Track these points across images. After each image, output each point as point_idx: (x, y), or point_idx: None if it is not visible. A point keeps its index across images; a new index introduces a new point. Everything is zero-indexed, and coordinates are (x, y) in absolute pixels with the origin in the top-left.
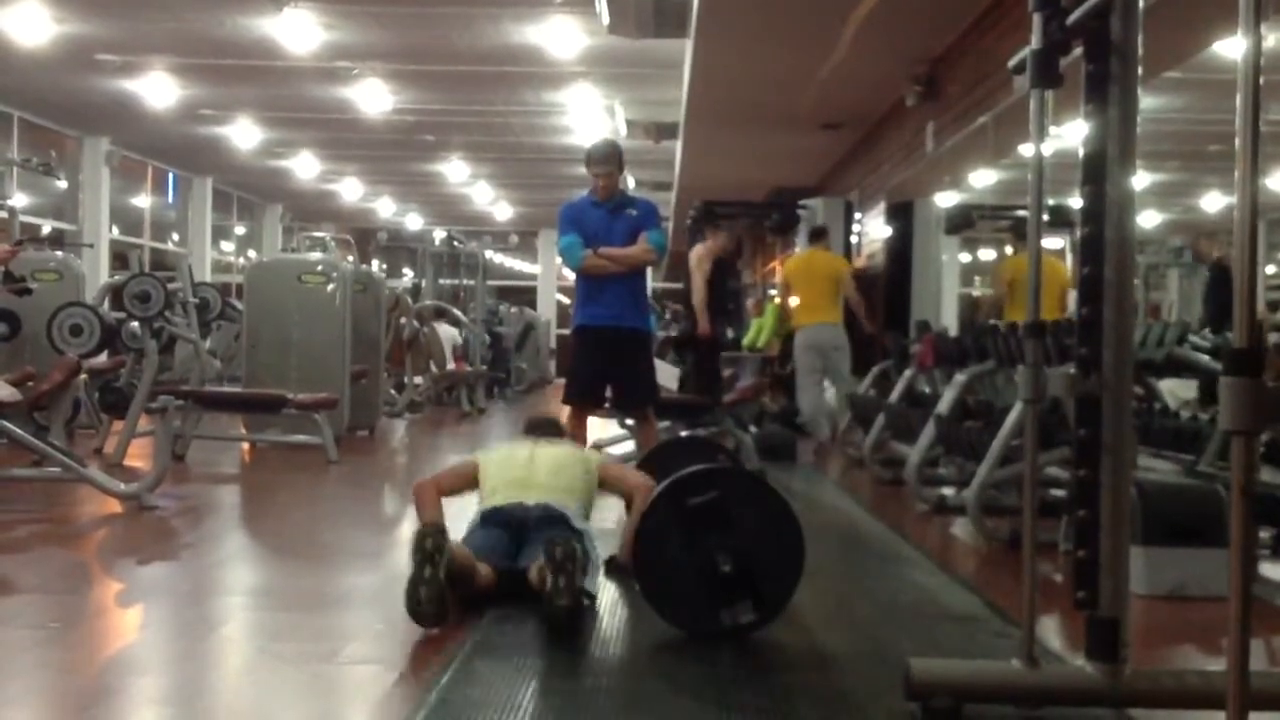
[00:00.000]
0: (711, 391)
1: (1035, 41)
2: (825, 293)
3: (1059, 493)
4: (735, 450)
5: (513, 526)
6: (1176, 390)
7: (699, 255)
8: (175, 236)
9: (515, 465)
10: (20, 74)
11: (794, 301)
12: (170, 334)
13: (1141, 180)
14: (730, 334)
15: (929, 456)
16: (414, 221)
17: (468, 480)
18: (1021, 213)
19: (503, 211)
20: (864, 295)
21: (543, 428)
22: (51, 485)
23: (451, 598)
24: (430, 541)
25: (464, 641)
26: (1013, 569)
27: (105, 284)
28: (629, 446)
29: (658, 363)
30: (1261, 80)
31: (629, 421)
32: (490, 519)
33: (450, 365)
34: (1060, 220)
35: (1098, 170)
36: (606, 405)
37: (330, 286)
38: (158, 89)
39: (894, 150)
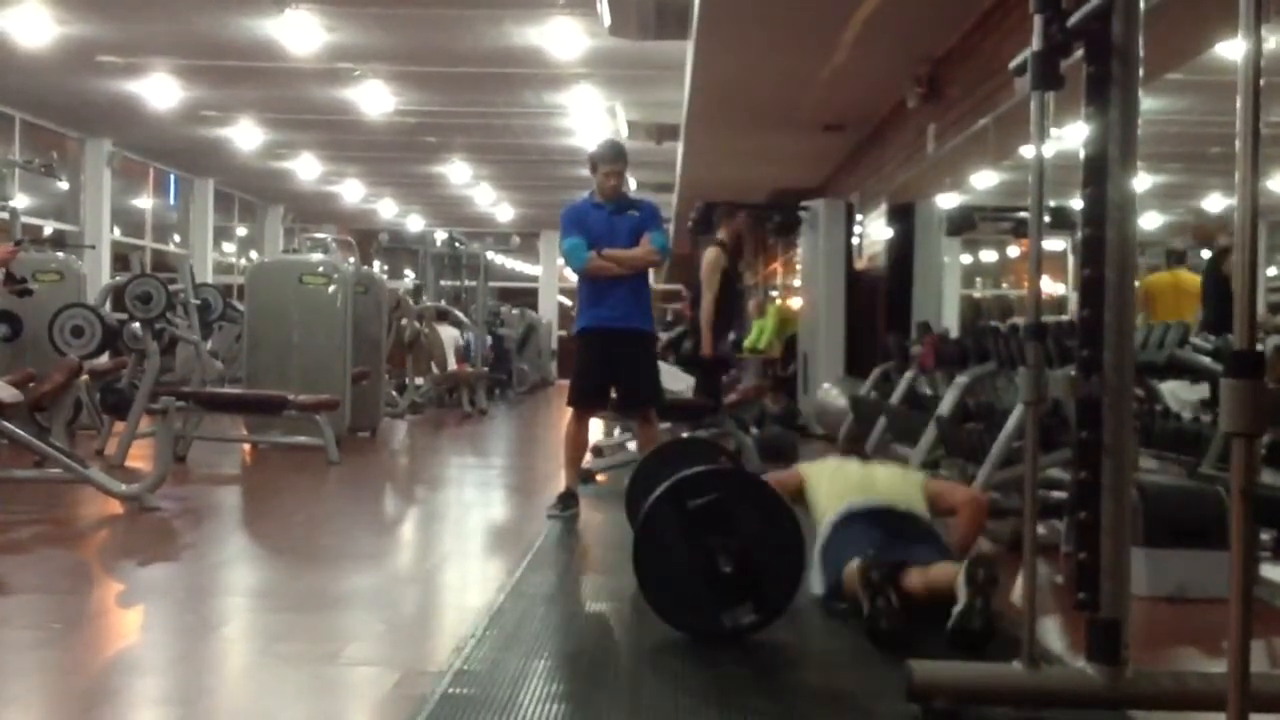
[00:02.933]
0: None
1: (1036, 43)
2: None
3: (1060, 494)
4: (736, 452)
5: (884, 526)
6: (1178, 392)
7: (710, 264)
8: (177, 238)
9: (851, 474)
10: (22, 75)
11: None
12: (171, 335)
13: (1143, 182)
14: (732, 336)
15: (930, 458)
16: (415, 223)
17: (790, 491)
18: (1023, 214)
19: (504, 213)
20: None
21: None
22: (53, 486)
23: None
24: (876, 574)
25: (464, 642)
26: (1014, 571)
27: (107, 285)
28: (630, 448)
29: (663, 366)
30: (1262, 82)
31: (629, 422)
32: (858, 518)
33: (452, 366)
34: (1062, 222)
35: (1099, 172)
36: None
37: (332, 288)
38: (159, 90)
39: (895, 152)
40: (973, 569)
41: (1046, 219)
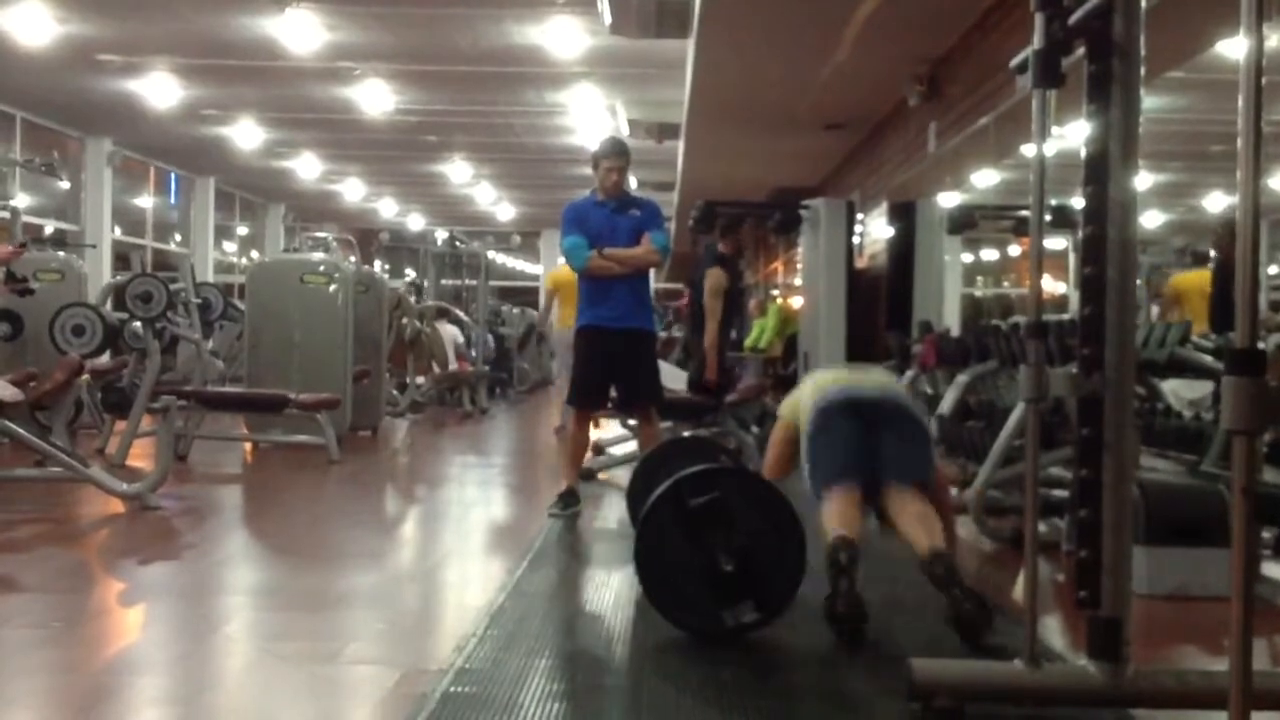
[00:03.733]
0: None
1: (1037, 41)
2: None
3: (1061, 493)
4: (736, 450)
5: (861, 417)
6: (1180, 390)
7: (713, 290)
8: (177, 237)
9: (829, 376)
10: (23, 74)
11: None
12: (172, 334)
13: (1144, 180)
14: (733, 335)
15: None
16: (416, 222)
17: (788, 445)
18: (1024, 213)
19: (505, 212)
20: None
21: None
22: (54, 485)
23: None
24: (844, 556)
25: (465, 641)
26: (1015, 569)
27: (108, 284)
28: (631, 446)
29: (662, 364)
30: (1264, 80)
31: (630, 421)
32: (834, 411)
33: (452, 365)
34: (1063, 220)
35: (1100, 170)
36: (610, 405)
37: (332, 287)
38: (160, 89)
39: (896, 150)
40: (931, 568)
41: (1048, 217)
